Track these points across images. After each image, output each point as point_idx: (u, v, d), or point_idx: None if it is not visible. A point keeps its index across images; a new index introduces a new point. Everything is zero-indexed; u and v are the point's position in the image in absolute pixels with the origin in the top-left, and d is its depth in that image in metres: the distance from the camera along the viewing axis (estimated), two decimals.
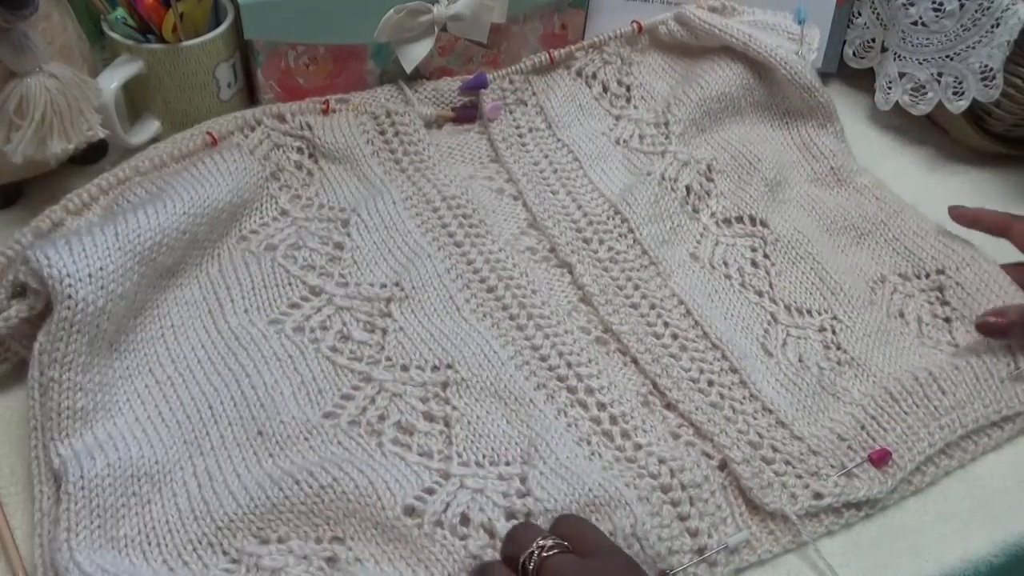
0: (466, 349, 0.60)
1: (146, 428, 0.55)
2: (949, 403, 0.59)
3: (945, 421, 0.58)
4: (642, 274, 0.66)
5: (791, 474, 0.55)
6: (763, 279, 0.68)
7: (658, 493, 0.53)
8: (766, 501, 0.54)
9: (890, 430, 0.57)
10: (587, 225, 0.69)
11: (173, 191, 0.62)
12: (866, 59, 0.86)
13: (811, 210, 0.73)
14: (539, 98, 0.79)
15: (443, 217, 0.68)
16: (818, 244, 0.70)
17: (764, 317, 0.65)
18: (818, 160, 0.77)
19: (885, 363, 0.62)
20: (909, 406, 0.59)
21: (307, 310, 0.62)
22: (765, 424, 0.58)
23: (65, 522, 0.49)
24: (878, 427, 0.58)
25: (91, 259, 0.55)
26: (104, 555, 0.49)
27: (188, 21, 0.70)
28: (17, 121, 0.61)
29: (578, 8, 0.84)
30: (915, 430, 0.58)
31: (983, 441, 0.59)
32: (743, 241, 0.70)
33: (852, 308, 0.65)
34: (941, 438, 0.57)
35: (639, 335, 0.62)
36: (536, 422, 0.56)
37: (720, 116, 0.79)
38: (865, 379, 0.61)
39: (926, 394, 0.59)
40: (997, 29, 0.73)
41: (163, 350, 0.59)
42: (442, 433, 0.56)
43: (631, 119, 0.79)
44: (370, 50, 0.77)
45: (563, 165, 0.74)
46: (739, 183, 0.74)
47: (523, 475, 0.53)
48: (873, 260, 0.70)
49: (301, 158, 0.73)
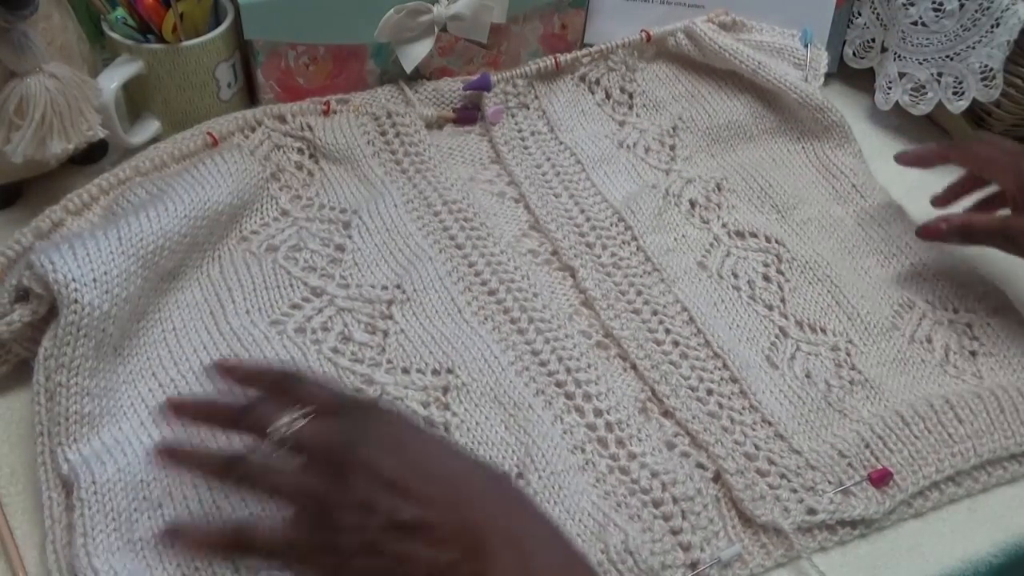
0: (467, 353, 0.60)
1: (152, 432, 0.55)
2: (965, 432, 0.57)
3: (958, 449, 0.56)
4: (645, 280, 0.66)
5: (786, 488, 0.55)
6: (775, 294, 0.67)
7: (650, 508, 0.53)
8: (757, 513, 0.53)
9: (896, 452, 0.56)
10: (590, 230, 0.69)
11: (174, 193, 0.62)
12: (866, 59, 0.86)
13: (832, 231, 0.72)
14: (541, 102, 0.79)
15: (444, 220, 0.68)
16: (837, 267, 0.68)
17: (772, 330, 0.64)
18: (838, 179, 0.76)
19: (900, 389, 0.61)
20: (920, 431, 0.57)
21: (308, 311, 0.62)
22: (763, 436, 0.57)
23: (80, 528, 0.49)
24: (883, 447, 0.56)
25: (95, 263, 0.55)
26: (121, 559, 0.49)
27: (188, 21, 0.70)
28: (17, 121, 0.61)
29: (578, 8, 0.83)
30: (923, 454, 0.56)
31: (998, 473, 0.57)
32: (756, 255, 0.69)
33: (869, 335, 0.64)
34: (951, 465, 0.56)
35: (639, 341, 0.62)
36: (533, 428, 0.56)
37: (731, 142, 0.79)
38: (876, 401, 0.60)
39: (940, 420, 0.58)
40: (997, 29, 0.74)
41: (166, 353, 0.59)
42: None
43: (635, 126, 0.79)
44: (370, 50, 0.77)
45: (565, 168, 0.74)
46: (750, 204, 0.74)
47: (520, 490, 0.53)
48: (900, 284, 0.68)
49: (302, 159, 0.73)
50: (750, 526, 0.54)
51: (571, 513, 0.52)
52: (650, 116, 0.80)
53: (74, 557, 0.48)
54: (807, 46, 0.80)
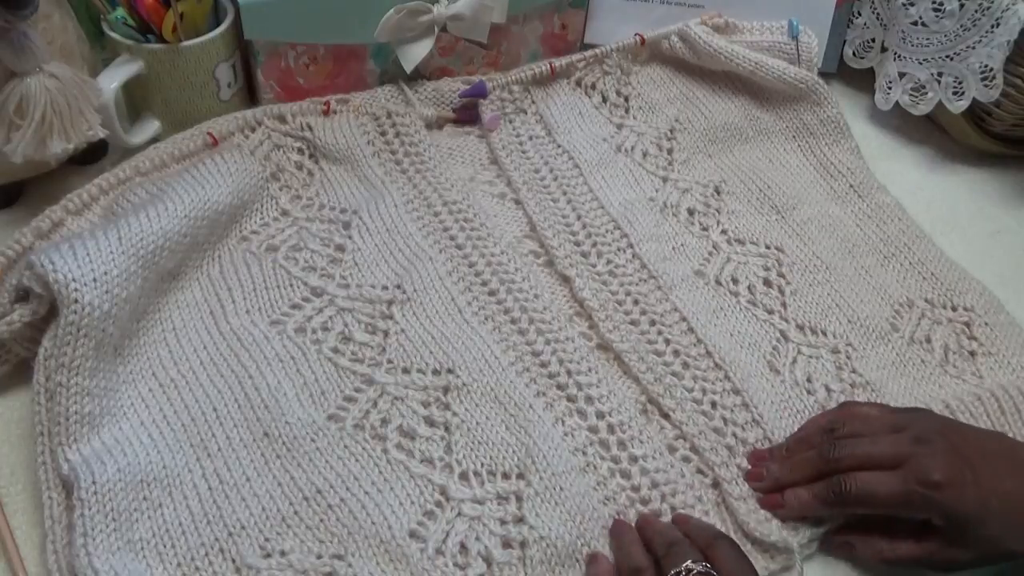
0: (467, 353, 0.60)
1: (152, 432, 0.55)
2: None
3: None
4: (641, 288, 0.66)
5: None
6: (775, 298, 0.67)
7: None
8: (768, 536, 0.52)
9: None
10: (585, 238, 0.69)
11: (174, 193, 0.62)
12: (866, 59, 0.86)
13: (832, 231, 0.72)
14: (538, 107, 0.79)
15: (444, 220, 0.68)
16: (837, 271, 0.68)
17: (773, 335, 0.64)
18: (836, 179, 0.76)
19: (900, 392, 0.61)
20: None
21: (308, 311, 0.62)
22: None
23: (81, 528, 0.49)
24: None
25: (95, 263, 0.55)
26: (121, 559, 0.49)
27: (188, 21, 0.70)
28: (17, 121, 0.61)
29: (578, 8, 0.83)
30: None
31: None
32: (756, 260, 0.69)
33: (868, 337, 0.64)
34: None
35: (640, 353, 0.62)
36: (534, 429, 0.56)
37: (728, 143, 0.79)
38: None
39: None
40: (997, 29, 0.73)
41: (165, 353, 0.59)
42: (443, 439, 0.56)
43: (632, 129, 0.79)
44: (370, 50, 0.77)
45: (563, 172, 0.74)
46: (749, 208, 0.74)
47: (519, 492, 0.53)
48: (899, 283, 0.68)
49: (302, 159, 0.73)
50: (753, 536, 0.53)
51: (572, 515, 0.52)
52: (647, 119, 0.80)
53: (74, 557, 0.49)
54: (796, 38, 0.80)
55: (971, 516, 0.48)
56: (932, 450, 0.50)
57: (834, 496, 0.51)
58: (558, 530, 0.52)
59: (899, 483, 0.49)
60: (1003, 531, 0.48)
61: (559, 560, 0.51)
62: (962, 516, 0.48)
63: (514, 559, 0.51)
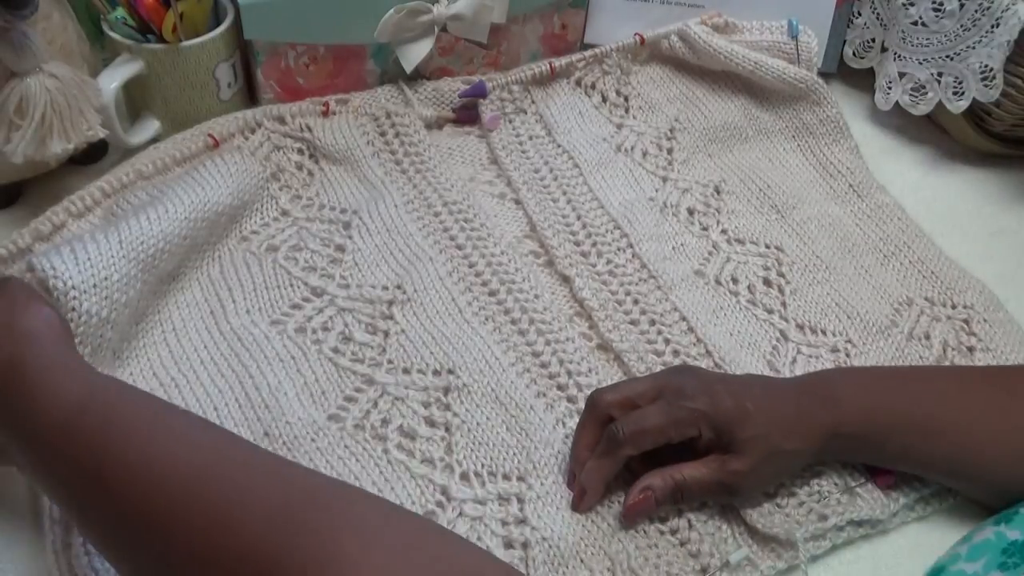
0: (467, 354, 0.60)
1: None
2: None
3: None
4: (641, 288, 0.66)
5: (793, 504, 0.54)
6: (775, 298, 0.67)
7: (656, 524, 0.53)
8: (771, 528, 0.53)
9: None
10: (585, 238, 0.69)
11: (175, 195, 0.62)
12: (866, 59, 0.86)
13: (831, 231, 0.72)
14: (538, 106, 0.79)
15: (444, 220, 0.68)
16: (837, 270, 0.69)
17: (773, 334, 0.64)
18: (835, 178, 0.76)
19: None
20: None
21: (309, 311, 0.62)
22: None
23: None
24: None
25: (96, 269, 0.55)
26: None
27: (188, 21, 0.70)
28: (17, 121, 0.61)
29: (578, 8, 0.84)
30: None
31: None
32: (756, 260, 0.69)
33: (868, 334, 0.64)
34: None
35: (640, 353, 0.62)
36: (535, 430, 0.56)
37: (728, 143, 0.79)
38: None
39: None
40: (997, 29, 0.74)
41: (166, 353, 0.59)
42: (443, 440, 0.56)
43: (632, 129, 0.79)
44: (370, 50, 0.77)
45: (563, 172, 0.74)
46: (749, 207, 0.74)
47: (520, 495, 0.53)
48: (899, 282, 0.68)
49: (302, 159, 0.73)
50: (757, 531, 0.53)
51: (574, 516, 0.53)
52: (646, 118, 0.80)
53: (74, 557, 0.48)
54: (795, 38, 0.80)
55: (732, 417, 0.52)
56: (683, 375, 0.55)
57: (610, 444, 0.52)
58: (561, 531, 0.52)
59: (663, 407, 0.52)
60: (767, 428, 0.52)
61: (562, 561, 0.51)
62: (724, 417, 0.52)
63: (516, 560, 0.51)
